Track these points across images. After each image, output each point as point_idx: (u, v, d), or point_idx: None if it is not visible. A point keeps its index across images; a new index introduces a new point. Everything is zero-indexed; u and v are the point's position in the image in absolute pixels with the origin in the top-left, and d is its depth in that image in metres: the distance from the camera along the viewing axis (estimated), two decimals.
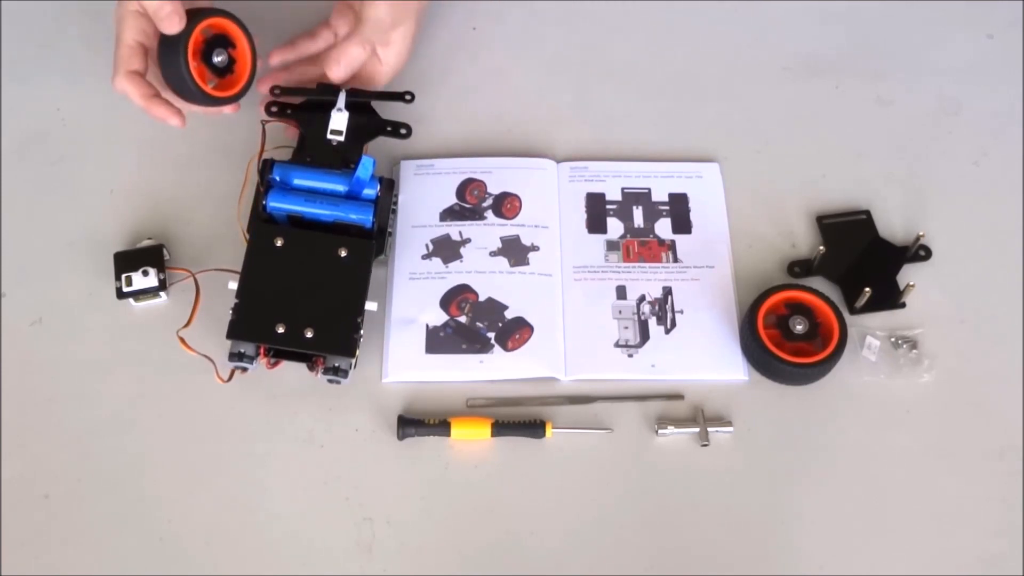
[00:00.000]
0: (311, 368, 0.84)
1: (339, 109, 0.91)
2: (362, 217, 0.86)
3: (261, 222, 0.87)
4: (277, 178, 0.88)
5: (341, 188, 0.88)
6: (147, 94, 0.85)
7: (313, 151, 0.90)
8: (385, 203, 0.88)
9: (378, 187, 0.87)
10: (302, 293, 0.84)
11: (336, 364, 0.83)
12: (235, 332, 0.82)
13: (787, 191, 0.96)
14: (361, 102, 0.93)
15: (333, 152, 0.90)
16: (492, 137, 0.99)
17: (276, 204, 0.86)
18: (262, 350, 0.83)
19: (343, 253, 0.85)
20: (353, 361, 0.83)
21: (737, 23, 1.06)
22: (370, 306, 0.85)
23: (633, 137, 0.99)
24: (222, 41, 0.87)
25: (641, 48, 1.04)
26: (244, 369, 0.83)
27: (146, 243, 0.91)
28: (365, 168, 0.86)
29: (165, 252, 0.91)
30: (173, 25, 0.82)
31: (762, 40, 1.05)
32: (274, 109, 0.93)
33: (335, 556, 0.81)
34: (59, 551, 0.81)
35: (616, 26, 1.06)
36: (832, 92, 1.02)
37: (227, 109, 0.89)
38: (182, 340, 0.84)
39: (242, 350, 0.82)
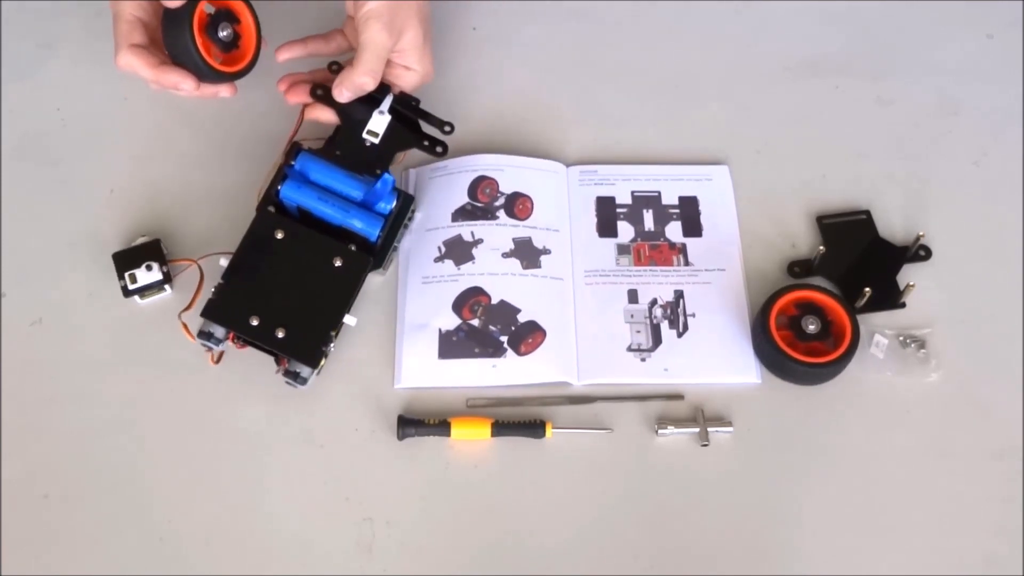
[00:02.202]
0: (277, 363, 0.84)
1: (381, 111, 0.90)
2: (368, 229, 0.86)
3: (268, 208, 0.86)
4: (297, 167, 0.87)
5: (357, 194, 0.87)
6: (154, 63, 0.83)
7: (345, 147, 0.90)
8: (399, 219, 0.88)
9: (395, 202, 0.87)
10: (286, 291, 0.84)
11: (297, 370, 0.83)
12: (210, 313, 0.83)
13: (787, 191, 0.96)
14: (404, 110, 0.91)
15: (365, 152, 0.90)
16: (498, 141, 0.98)
17: (289, 194, 0.86)
18: (231, 334, 0.83)
19: (338, 263, 0.85)
20: (316, 371, 0.83)
21: (737, 24, 1.06)
22: (349, 320, 0.84)
23: (637, 139, 0.99)
24: (227, 16, 0.86)
25: (641, 49, 1.04)
26: (210, 348, 0.84)
27: (141, 240, 0.91)
28: (385, 184, 0.85)
29: (163, 247, 0.91)
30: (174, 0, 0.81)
31: (762, 40, 1.05)
32: (320, 92, 0.91)
33: (335, 556, 0.81)
34: (59, 551, 0.81)
35: (616, 27, 1.06)
36: (832, 92, 1.02)
37: (224, 92, 0.87)
38: (185, 326, 0.84)
39: (212, 331, 0.83)
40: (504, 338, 0.88)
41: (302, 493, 0.83)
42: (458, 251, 0.92)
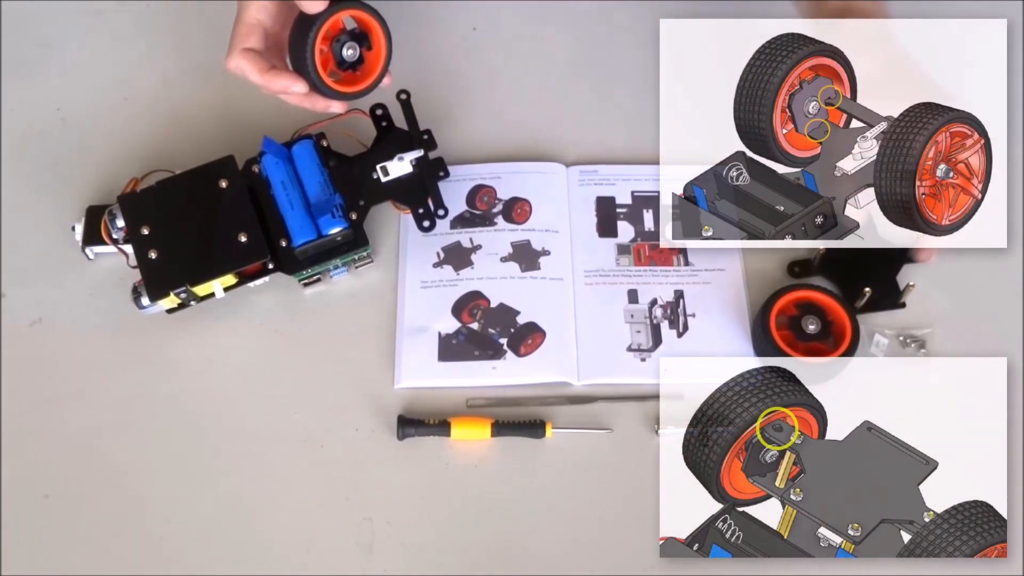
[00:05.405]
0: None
1: (400, 159, 0.89)
2: (298, 231, 0.86)
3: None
4: (294, 149, 0.89)
5: (311, 199, 0.87)
6: (263, 68, 0.82)
7: (351, 164, 0.90)
8: (343, 248, 0.88)
9: (339, 228, 0.86)
10: (200, 233, 0.86)
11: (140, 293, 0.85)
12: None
13: None
14: (427, 168, 0.90)
15: (365, 180, 0.89)
16: (499, 141, 0.99)
17: (269, 164, 0.88)
18: None
19: (243, 238, 0.85)
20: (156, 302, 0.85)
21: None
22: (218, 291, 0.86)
23: (637, 139, 0.99)
24: (361, 38, 0.84)
25: (641, 48, 1.04)
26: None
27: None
28: (328, 225, 0.86)
29: None
30: (315, 4, 0.79)
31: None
32: (379, 112, 0.91)
33: (335, 556, 0.81)
34: (59, 551, 0.81)
35: (617, 27, 1.06)
36: None
37: (334, 107, 0.86)
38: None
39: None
40: (504, 340, 0.88)
41: (302, 493, 0.83)
42: (457, 257, 0.92)
